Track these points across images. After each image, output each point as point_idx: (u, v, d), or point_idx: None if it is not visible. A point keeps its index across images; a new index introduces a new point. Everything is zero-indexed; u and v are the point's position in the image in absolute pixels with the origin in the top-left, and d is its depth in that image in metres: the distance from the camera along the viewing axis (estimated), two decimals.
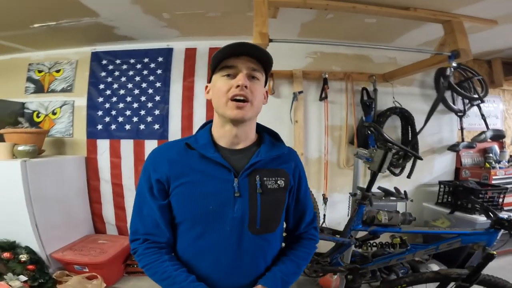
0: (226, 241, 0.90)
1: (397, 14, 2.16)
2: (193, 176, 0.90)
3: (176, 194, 0.91)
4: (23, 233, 2.27)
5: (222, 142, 0.95)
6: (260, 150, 0.96)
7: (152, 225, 0.93)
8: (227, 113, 0.88)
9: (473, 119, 3.17)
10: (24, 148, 2.37)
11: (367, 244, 1.86)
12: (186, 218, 0.92)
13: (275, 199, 0.96)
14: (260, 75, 0.93)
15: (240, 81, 0.86)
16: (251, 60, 0.89)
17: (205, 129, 1.01)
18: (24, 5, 2.09)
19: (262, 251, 0.96)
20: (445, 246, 1.71)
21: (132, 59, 2.99)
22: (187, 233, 0.93)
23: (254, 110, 0.91)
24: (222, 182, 0.90)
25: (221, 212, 0.89)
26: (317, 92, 2.94)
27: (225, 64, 0.89)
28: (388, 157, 1.64)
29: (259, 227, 0.92)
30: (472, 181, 2.78)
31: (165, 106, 2.93)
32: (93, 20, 2.39)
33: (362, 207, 1.76)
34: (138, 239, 0.94)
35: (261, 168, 0.95)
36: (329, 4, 2.07)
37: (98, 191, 2.98)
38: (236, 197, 0.90)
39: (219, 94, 0.89)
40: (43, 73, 3.09)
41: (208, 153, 0.91)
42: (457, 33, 2.16)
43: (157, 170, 0.92)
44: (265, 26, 1.96)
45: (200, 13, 2.36)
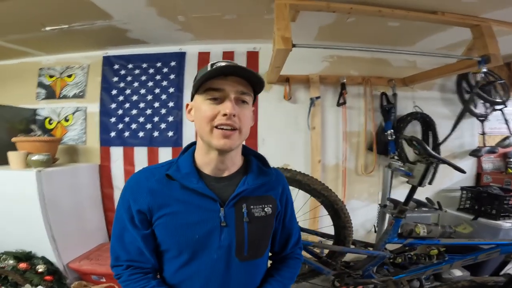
0: (213, 268, 0.88)
1: (425, 18, 2.08)
2: (177, 207, 0.87)
3: (159, 225, 0.87)
4: (39, 243, 2.25)
5: (206, 169, 0.91)
6: (247, 178, 0.93)
7: (136, 253, 0.90)
8: (212, 142, 0.83)
9: (494, 123, 3.08)
10: (39, 158, 2.32)
11: (402, 256, 1.82)
12: (172, 247, 0.89)
13: (263, 227, 0.94)
14: (250, 98, 0.87)
15: (227, 110, 0.79)
16: (240, 81, 0.83)
17: (188, 154, 0.95)
18: (37, 8, 2.02)
19: (250, 276, 0.95)
20: (483, 256, 1.70)
21: (144, 63, 2.92)
22: (173, 261, 0.90)
23: (242, 138, 0.87)
24: (207, 212, 0.87)
25: (208, 241, 0.87)
26: (335, 97, 2.86)
27: (211, 86, 0.82)
28: (429, 171, 1.60)
29: (247, 254, 0.91)
30: (496, 186, 2.71)
31: (179, 112, 2.86)
32: (106, 23, 2.33)
33: (399, 221, 1.72)
34: (121, 265, 0.91)
35: (247, 196, 0.92)
36: (353, 8, 1.99)
37: (111, 199, 2.93)
38: (222, 226, 0.88)
39: (203, 120, 0.83)
40: (55, 78, 3.04)
41: (191, 184, 0.87)
42: (487, 38, 2.08)
43: (137, 200, 0.88)
44: (288, 30, 1.90)
45: (216, 15, 2.28)
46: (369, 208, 2.93)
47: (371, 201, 2.94)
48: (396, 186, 2.90)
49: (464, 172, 1.62)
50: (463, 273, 2.34)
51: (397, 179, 2.92)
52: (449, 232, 1.73)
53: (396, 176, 2.91)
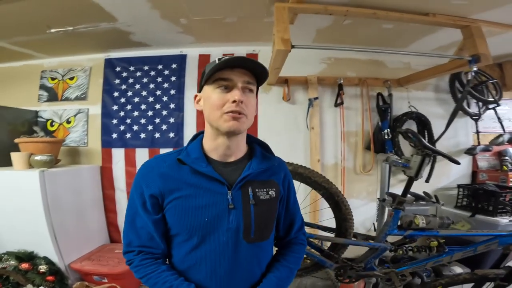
0: (222, 251, 0.92)
1: (417, 20, 2.16)
2: (187, 190, 0.91)
3: (170, 208, 0.91)
4: (41, 243, 2.25)
5: (214, 155, 0.96)
6: (251, 162, 0.98)
7: (146, 238, 0.94)
8: (222, 126, 0.88)
9: (487, 122, 3.16)
10: (42, 158, 2.35)
11: (402, 248, 1.85)
12: (182, 231, 0.92)
13: (268, 209, 0.98)
14: (254, 87, 0.94)
15: (236, 96, 0.86)
16: (246, 73, 0.90)
17: (196, 141, 1.01)
18: (44, 9, 2.07)
19: (257, 258, 0.99)
20: (482, 248, 1.73)
21: (146, 66, 2.98)
22: (183, 245, 0.94)
23: (248, 123, 0.93)
24: (216, 194, 0.92)
25: (217, 223, 0.91)
26: (332, 98, 2.93)
27: (220, 76, 0.89)
28: (425, 163, 1.65)
29: (254, 236, 0.95)
30: (491, 184, 2.77)
31: (180, 113, 2.91)
32: (110, 25, 2.38)
33: (398, 212, 1.75)
34: (132, 251, 0.95)
35: (253, 180, 0.97)
36: (349, 10, 2.07)
37: (113, 200, 2.95)
38: (230, 209, 0.92)
39: (213, 107, 0.89)
40: (57, 81, 3.08)
41: (201, 168, 0.92)
42: (476, 38, 2.16)
43: (150, 185, 0.92)
44: (287, 32, 1.96)
45: (217, 18, 2.35)
46: (368, 207, 2.97)
47: (370, 200, 2.98)
48: (394, 185, 2.95)
49: (459, 163, 1.67)
50: (463, 270, 2.37)
51: (395, 178, 2.97)
52: (448, 223, 1.76)
53: (394, 175, 2.96)
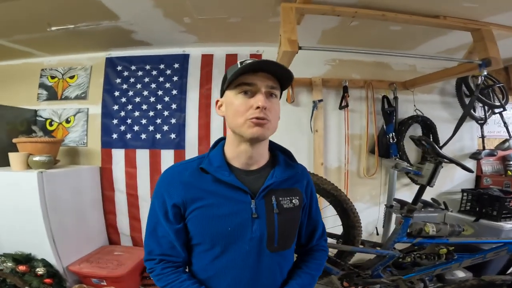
0: (245, 260, 0.91)
1: (427, 22, 2.11)
2: (210, 199, 0.90)
3: (193, 218, 0.91)
4: (39, 245, 2.21)
5: (236, 162, 0.95)
6: (274, 171, 0.96)
7: (168, 246, 0.94)
8: (246, 132, 0.86)
9: (492, 126, 3.14)
10: (40, 159, 2.30)
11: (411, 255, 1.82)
12: (205, 240, 0.91)
13: (291, 218, 0.97)
14: (278, 92, 0.91)
15: (260, 102, 0.83)
16: (269, 77, 0.87)
17: (218, 148, 0.99)
18: (45, 7, 2.02)
19: (279, 267, 0.98)
20: (492, 255, 1.72)
21: (148, 65, 2.92)
22: (205, 254, 0.93)
23: (271, 130, 0.90)
24: (239, 203, 0.91)
25: (240, 233, 0.90)
26: (337, 100, 2.89)
27: (243, 81, 0.86)
28: (438, 171, 1.62)
29: (277, 245, 0.94)
30: (496, 188, 2.74)
31: (182, 114, 2.85)
32: (112, 24, 2.32)
33: (408, 220, 1.73)
34: (154, 259, 0.95)
35: (276, 189, 0.96)
36: (358, 12, 2.02)
37: (112, 201, 2.90)
38: (254, 218, 0.90)
39: (236, 113, 0.87)
40: (56, 79, 3.02)
41: (223, 177, 0.90)
42: (487, 41, 2.12)
43: (172, 195, 0.91)
44: (294, 33, 1.91)
45: (222, 18, 2.30)
46: (371, 211, 2.93)
47: (373, 204, 2.95)
48: (398, 189, 2.92)
49: (472, 171, 1.64)
50: (466, 274, 2.35)
51: (398, 182, 2.94)
52: (458, 231, 1.75)
53: (398, 179, 2.93)
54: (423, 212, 2.18)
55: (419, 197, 1.75)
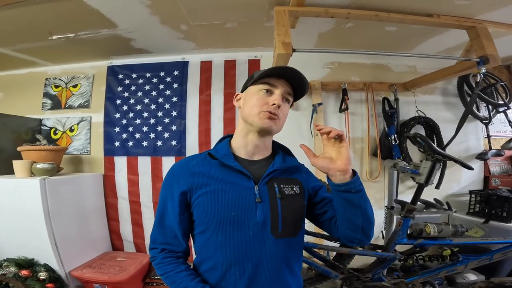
0: (249, 246, 0.92)
1: (421, 21, 2.10)
2: (215, 185, 0.96)
3: (198, 204, 0.95)
4: (41, 250, 2.23)
5: (241, 152, 1.03)
6: (275, 161, 1.04)
7: (171, 236, 0.99)
8: (257, 122, 0.96)
9: (498, 126, 3.07)
10: (43, 166, 2.34)
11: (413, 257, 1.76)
12: (210, 226, 0.94)
13: (294, 204, 1.00)
14: (291, 100, 1.04)
15: (277, 100, 0.95)
16: (289, 85, 1.00)
17: (224, 142, 1.08)
18: (44, 16, 2.08)
19: (285, 257, 0.97)
20: (499, 256, 1.66)
21: (148, 73, 2.98)
22: (210, 242, 0.95)
23: (279, 127, 1.00)
24: (243, 189, 0.96)
25: (244, 217, 0.93)
26: (337, 103, 2.87)
27: (267, 81, 0.98)
28: (436, 169, 1.59)
29: (281, 230, 0.95)
30: (505, 189, 2.66)
31: (182, 121, 2.89)
32: (111, 32, 2.39)
33: (408, 221, 1.68)
34: (156, 248, 1.00)
35: (277, 177, 1.01)
36: (351, 13, 2.03)
37: (115, 208, 2.93)
38: (257, 202, 0.95)
39: (253, 105, 0.97)
40: (60, 88, 3.10)
41: (229, 162, 0.98)
42: (483, 39, 2.09)
43: (180, 182, 0.98)
44: (288, 36, 1.92)
45: (218, 24, 2.34)
46: (375, 214, 2.84)
47: (378, 207, 2.88)
48: (403, 192, 2.87)
49: (472, 168, 1.60)
50: (477, 277, 2.26)
51: (403, 184, 2.89)
52: (462, 231, 1.68)
53: (403, 181, 2.88)
54: (426, 213, 2.12)
55: (418, 196, 1.71)
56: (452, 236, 1.70)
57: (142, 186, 2.89)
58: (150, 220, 2.89)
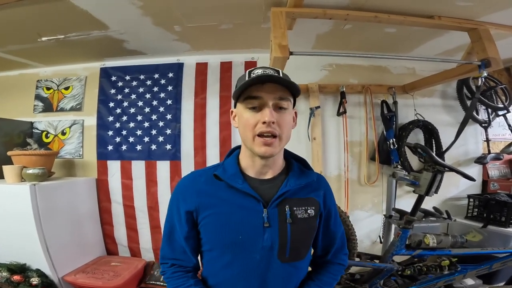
0: (255, 269, 0.90)
1: (421, 23, 2.06)
2: (222, 207, 0.91)
3: (205, 224, 0.92)
4: (33, 255, 2.20)
5: (250, 172, 0.95)
6: (288, 179, 0.95)
7: (180, 251, 0.97)
8: (255, 149, 0.87)
9: (497, 129, 3.04)
10: (33, 171, 2.29)
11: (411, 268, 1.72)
12: (215, 247, 0.92)
13: (305, 228, 0.95)
14: (288, 103, 0.89)
15: (266, 117, 0.83)
16: (277, 87, 0.85)
17: (232, 157, 1.00)
18: (32, 17, 2.02)
19: (290, 278, 0.95)
20: (498, 265, 1.63)
21: (142, 75, 2.91)
22: (216, 261, 0.93)
23: (283, 144, 0.90)
24: (251, 212, 0.90)
25: (251, 241, 0.89)
26: (335, 106, 2.83)
27: (250, 94, 0.85)
28: (437, 180, 1.53)
29: (289, 256, 0.92)
30: (503, 193, 2.64)
31: (177, 124, 2.82)
32: (102, 33, 2.32)
33: (406, 232, 1.64)
34: (166, 263, 1.00)
35: (290, 198, 0.94)
36: (350, 14, 1.97)
37: (109, 212, 2.87)
38: (265, 227, 0.89)
39: (245, 128, 0.88)
40: (52, 90, 3.02)
41: (237, 184, 0.91)
42: (485, 41, 2.05)
43: (186, 200, 0.94)
44: (285, 38, 1.87)
45: (212, 25, 2.28)
46: (373, 219, 2.84)
47: (375, 212, 2.85)
48: (401, 196, 2.83)
49: (474, 180, 1.57)
50: (475, 282, 2.24)
51: (401, 188, 2.84)
52: (461, 242, 1.65)
53: (401, 185, 2.83)
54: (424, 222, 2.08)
55: (417, 207, 1.67)
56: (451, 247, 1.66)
57: (136, 191, 2.83)
58: (144, 224, 2.84)
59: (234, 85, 2.72)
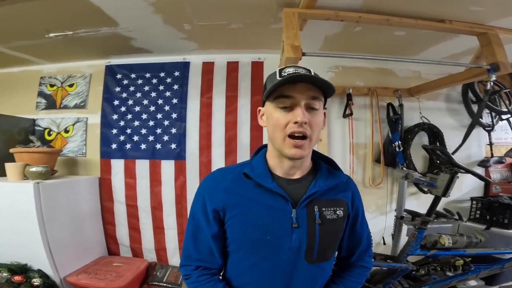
0: (281, 270, 0.88)
1: (433, 27, 2.07)
2: (250, 206, 0.88)
3: (232, 224, 0.89)
4: (35, 256, 2.16)
5: (278, 171, 0.93)
6: (317, 179, 0.93)
7: (206, 252, 0.93)
8: (284, 151, 0.85)
9: (500, 133, 3.08)
10: (37, 169, 2.24)
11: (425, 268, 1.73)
12: (242, 247, 0.90)
13: (334, 230, 0.93)
14: (320, 103, 0.86)
15: (299, 117, 0.80)
16: (310, 87, 0.82)
17: (260, 155, 0.97)
18: (42, 13, 1.99)
19: (316, 279, 0.94)
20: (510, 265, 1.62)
21: (148, 73, 2.88)
22: (241, 262, 0.92)
23: (312, 145, 0.88)
24: (279, 212, 0.88)
25: (279, 242, 0.87)
26: (341, 108, 2.83)
27: (281, 93, 0.82)
28: (454, 181, 1.55)
29: (316, 256, 0.90)
30: (506, 196, 2.67)
31: (182, 124, 2.80)
32: (111, 30, 2.29)
33: (422, 232, 1.66)
34: (190, 265, 0.95)
35: (319, 199, 0.91)
36: (362, 17, 1.98)
37: (112, 212, 2.83)
38: (294, 227, 0.87)
39: (275, 128, 0.85)
40: (55, 88, 2.98)
41: (266, 183, 0.88)
42: (495, 46, 2.07)
43: (213, 199, 0.91)
44: (297, 39, 1.87)
45: (222, 24, 2.26)
46: (377, 220, 2.84)
47: (379, 213, 2.86)
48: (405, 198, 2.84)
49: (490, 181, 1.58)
50: (477, 283, 2.26)
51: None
52: (475, 242, 1.67)
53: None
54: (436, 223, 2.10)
55: (434, 208, 1.68)
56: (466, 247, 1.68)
57: (139, 190, 2.80)
58: (147, 224, 2.81)
59: (240, 85, 2.79)
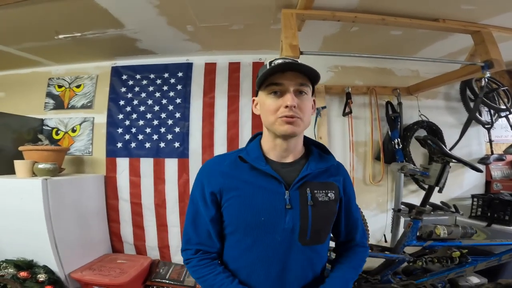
0: (275, 251, 0.92)
1: (427, 26, 2.13)
2: (245, 189, 0.93)
3: (228, 206, 0.94)
4: (41, 251, 2.19)
5: (272, 155, 0.99)
6: (309, 163, 0.98)
7: (205, 235, 0.98)
8: (278, 130, 0.91)
9: (499, 131, 3.10)
10: (45, 166, 2.31)
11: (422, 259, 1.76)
12: (238, 229, 0.94)
13: (326, 212, 0.97)
14: (308, 89, 0.93)
15: (288, 102, 0.87)
16: (297, 75, 0.90)
17: (255, 142, 1.04)
18: (52, 15, 2.07)
19: (311, 262, 0.97)
20: (507, 257, 1.66)
21: (152, 74, 2.96)
22: (237, 244, 0.96)
23: (304, 125, 0.94)
24: (273, 194, 0.93)
25: (273, 223, 0.91)
26: (340, 107, 2.88)
27: (272, 81, 0.90)
28: (446, 171, 1.59)
29: (309, 238, 0.94)
30: (506, 193, 2.69)
31: (186, 123, 2.87)
32: (118, 32, 2.38)
33: (417, 222, 1.69)
34: (190, 249, 0.99)
35: (311, 181, 0.96)
36: (358, 17, 2.04)
37: (116, 210, 2.89)
38: (287, 209, 0.92)
39: (268, 113, 0.92)
40: (63, 88, 3.08)
41: (260, 166, 0.94)
42: (488, 43, 2.12)
43: (210, 182, 0.96)
44: (295, 38, 1.94)
45: (224, 25, 2.34)
46: (378, 218, 2.87)
47: (380, 211, 2.89)
48: (405, 195, 2.86)
49: (481, 171, 1.61)
50: (480, 280, 2.26)
51: (406, 188, 2.88)
52: (471, 233, 1.70)
53: (405, 185, 2.87)
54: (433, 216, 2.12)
55: (428, 198, 1.71)
56: (461, 238, 1.71)
57: (144, 188, 2.86)
58: (151, 222, 2.87)
59: (241, 85, 2.87)
